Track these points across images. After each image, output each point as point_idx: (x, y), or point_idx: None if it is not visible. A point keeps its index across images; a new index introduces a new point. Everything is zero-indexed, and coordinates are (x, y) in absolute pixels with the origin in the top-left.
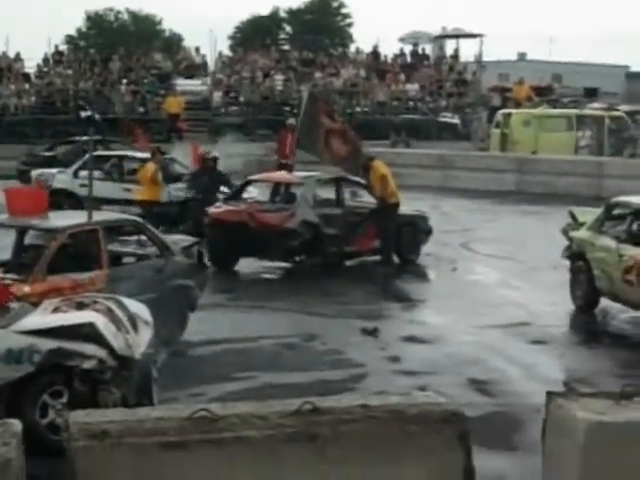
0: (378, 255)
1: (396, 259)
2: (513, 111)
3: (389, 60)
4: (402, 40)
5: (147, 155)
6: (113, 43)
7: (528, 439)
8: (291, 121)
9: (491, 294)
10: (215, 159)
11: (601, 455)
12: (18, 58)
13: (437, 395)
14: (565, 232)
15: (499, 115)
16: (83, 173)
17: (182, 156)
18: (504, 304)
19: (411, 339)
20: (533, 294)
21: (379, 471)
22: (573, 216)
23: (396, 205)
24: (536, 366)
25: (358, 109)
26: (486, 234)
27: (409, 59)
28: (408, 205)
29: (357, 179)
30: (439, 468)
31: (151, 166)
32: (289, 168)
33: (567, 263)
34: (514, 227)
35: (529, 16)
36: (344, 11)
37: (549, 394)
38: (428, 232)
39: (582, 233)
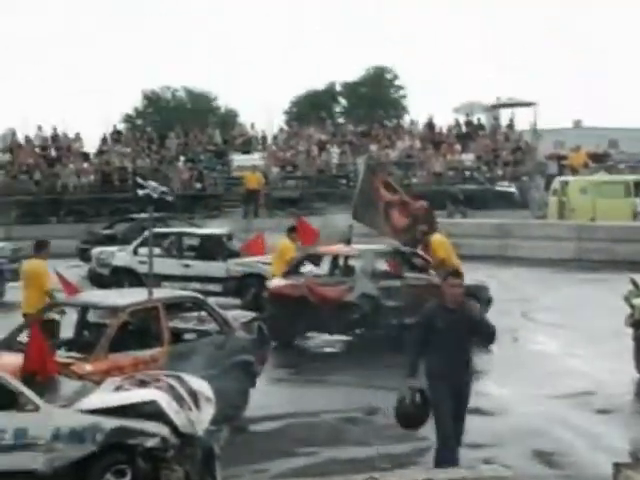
0: None
1: None
2: (570, 178)
3: (444, 131)
4: (456, 110)
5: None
6: (170, 120)
7: None
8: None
9: (554, 363)
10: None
11: None
12: (77, 138)
13: (503, 468)
14: (627, 299)
15: (556, 183)
16: (143, 250)
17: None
18: (567, 373)
19: (475, 411)
20: (596, 362)
21: None
22: (635, 283)
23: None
24: (602, 436)
25: (414, 180)
26: (546, 303)
27: (464, 129)
28: (467, 275)
29: (415, 250)
30: None
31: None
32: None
33: (630, 331)
34: (574, 295)
35: (584, 80)
36: (398, 83)
37: (616, 465)
38: (488, 302)
39: None
